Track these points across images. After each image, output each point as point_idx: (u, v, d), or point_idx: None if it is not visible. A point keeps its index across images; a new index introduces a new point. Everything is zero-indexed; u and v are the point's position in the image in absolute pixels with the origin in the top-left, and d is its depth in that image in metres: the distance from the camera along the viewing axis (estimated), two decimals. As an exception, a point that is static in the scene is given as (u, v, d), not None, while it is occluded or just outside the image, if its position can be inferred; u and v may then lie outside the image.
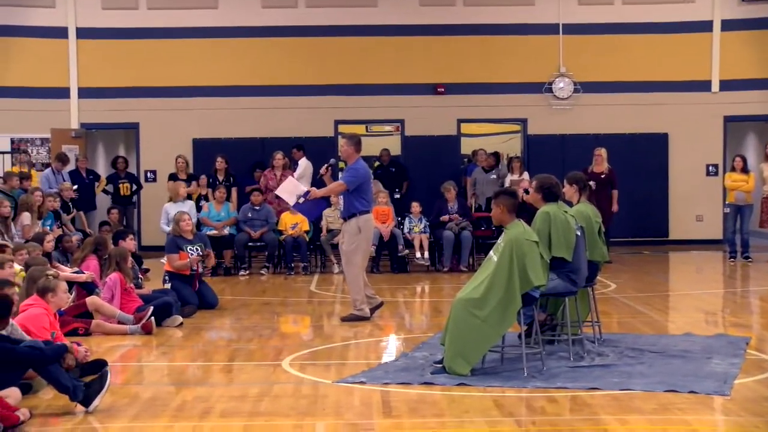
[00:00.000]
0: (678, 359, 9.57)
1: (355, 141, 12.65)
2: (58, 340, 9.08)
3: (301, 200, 12.49)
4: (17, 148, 21.97)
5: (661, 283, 17.28)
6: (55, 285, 9.36)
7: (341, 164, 14.97)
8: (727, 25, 22.73)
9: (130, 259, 12.88)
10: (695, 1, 22.80)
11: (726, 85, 22.75)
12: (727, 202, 19.85)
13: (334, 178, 13.10)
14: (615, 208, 19.31)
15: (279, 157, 19.68)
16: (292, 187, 12.65)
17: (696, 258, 21.15)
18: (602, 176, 19.30)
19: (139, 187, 21.61)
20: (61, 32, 22.31)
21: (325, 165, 12.76)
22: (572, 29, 22.68)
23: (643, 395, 8.14)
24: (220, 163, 19.84)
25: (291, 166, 19.77)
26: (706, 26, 22.79)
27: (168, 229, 16.62)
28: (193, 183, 19.79)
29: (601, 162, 19.49)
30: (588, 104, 22.71)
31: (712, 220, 22.60)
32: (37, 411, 7.78)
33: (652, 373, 8.86)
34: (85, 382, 7.92)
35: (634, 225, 22.15)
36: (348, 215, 12.53)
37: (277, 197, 15.67)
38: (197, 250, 14.01)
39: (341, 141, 13.04)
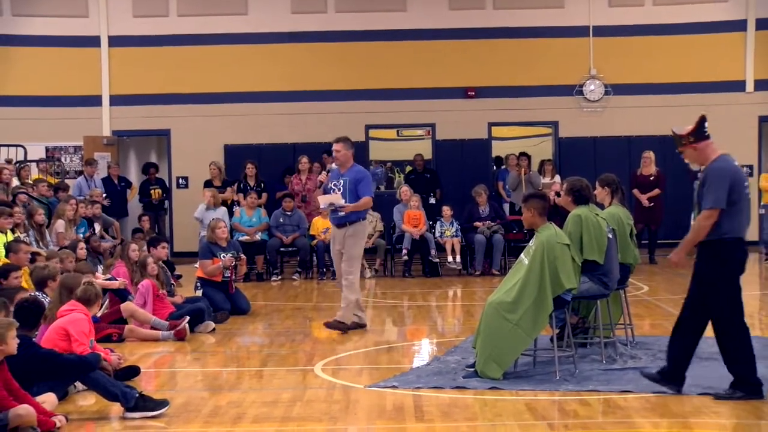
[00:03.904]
0: (713, 362, 9.46)
1: (351, 143, 12.43)
2: (94, 348, 9.17)
3: (331, 208, 12.32)
4: (51, 156, 22.15)
5: (695, 285, 17.09)
6: (99, 293, 9.53)
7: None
8: (763, 24, 22.53)
9: (154, 265, 12.86)
10: (728, 0, 22.64)
11: (761, 85, 22.55)
12: (762, 203, 19.70)
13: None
14: (645, 203, 19.28)
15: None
16: (333, 200, 12.40)
17: (730, 260, 20.92)
18: (651, 178, 19.43)
19: (166, 191, 21.80)
20: (93, 41, 22.45)
21: (325, 171, 12.65)
22: (603, 31, 22.58)
23: (677, 398, 8.09)
24: (250, 169, 19.88)
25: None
26: (740, 25, 22.60)
27: (199, 216, 16.72)
28: (228, 189, 19.84)
29: (649, 164, 19.64)
30: (619, 106, 22.61)
31: (746, 222, 22.40)
32: (72, 416, 7.82)
33: (686, 376, 8.78)
34: (141, 393, 7.97)
35: (666, 227, 21.99)
36: (352, 220, 12.18)
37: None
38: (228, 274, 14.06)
39: (337, 145, 12.32)
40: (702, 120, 8.16)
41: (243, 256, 14.46)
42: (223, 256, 13.94)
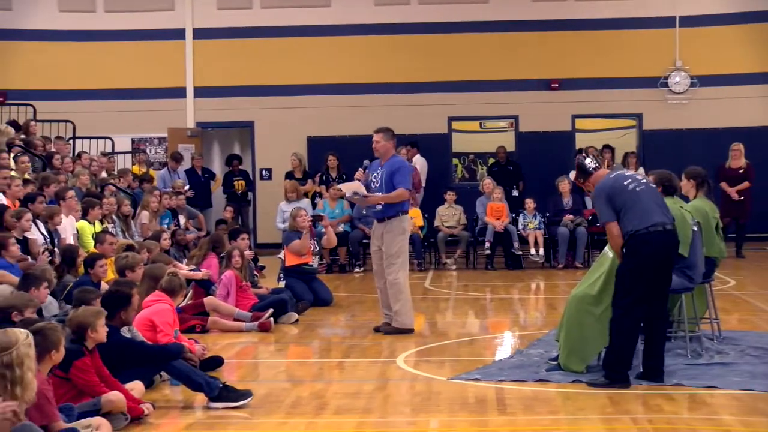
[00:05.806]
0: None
1: (392, 134, 11.76)
2: (179, 338, 9.28)
3: (356, 197, 11.67)
4: (137, 147, 22.48)
5: (785, 280, 16.79)
6: (183, 284, 9.65)
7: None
8: None
9: (239, 257, 12.88)
10: (819, -16, 22.15)
11: None
12: None
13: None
14: (735, 195, 19.08)
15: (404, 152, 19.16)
16: (355, 187, 11.64)
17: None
18: (740, 171, 19.26)
19: (249, 183, 21.88)
20: (178, 34, 22.73)
21: (361, 168, 12.12)
22: (688, 22, 22.24)
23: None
24: (332, 161, 19.99)
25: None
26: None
27: (283, 226, 16.85)
28: (309, 181, 19.95)
29: (739, 157, 19.47)
30: (705, 98, 22.26)
31: None
32: (158, 404, 7.92)
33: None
34: (224, 384, 8.03)
35: (755, 220, 21.60)
36: (392, 214, 11.43)
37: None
38: (315, 243, 14.15)
39: (377, 136, 11.61)
40: (578, 163, 8.96)
41: (322, 214, 14.50)
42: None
